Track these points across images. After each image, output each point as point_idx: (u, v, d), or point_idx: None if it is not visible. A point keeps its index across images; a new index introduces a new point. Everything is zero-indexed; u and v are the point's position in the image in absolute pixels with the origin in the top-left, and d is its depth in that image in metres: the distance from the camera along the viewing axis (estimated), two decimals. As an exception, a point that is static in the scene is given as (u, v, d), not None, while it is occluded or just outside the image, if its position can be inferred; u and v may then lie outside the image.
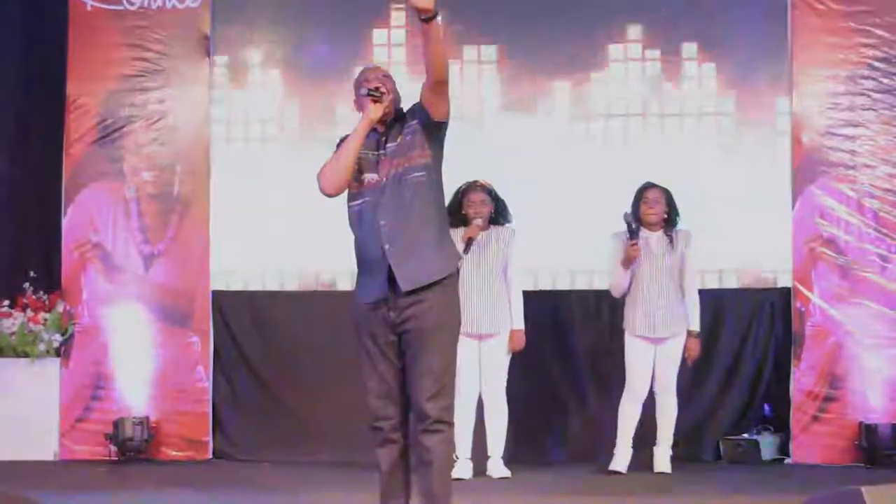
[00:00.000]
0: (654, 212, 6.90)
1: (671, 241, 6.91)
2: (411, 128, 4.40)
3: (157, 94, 7.90)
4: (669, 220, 6.95)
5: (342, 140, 4.52)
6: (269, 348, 7.89)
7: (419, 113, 4.40)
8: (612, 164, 7.60)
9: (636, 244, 6.72)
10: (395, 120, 4.46)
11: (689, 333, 6.86)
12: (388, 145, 4.43)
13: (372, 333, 4.37)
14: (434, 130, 4.38)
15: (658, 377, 6.90)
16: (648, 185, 6.98)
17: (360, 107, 4.50)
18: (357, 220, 4.48)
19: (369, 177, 4.42)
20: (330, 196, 4.50)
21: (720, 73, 7.83)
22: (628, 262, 6.77)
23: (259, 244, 7.85)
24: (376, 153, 4.43)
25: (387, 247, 4.30)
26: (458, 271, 4.55)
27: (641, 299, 6.86)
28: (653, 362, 6.88)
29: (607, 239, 6.99)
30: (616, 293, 6.99)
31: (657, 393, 6.92)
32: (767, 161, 7.76)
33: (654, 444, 6.96)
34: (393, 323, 4.34)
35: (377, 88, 4.37)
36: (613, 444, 6.94)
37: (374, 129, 4.44)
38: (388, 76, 4.50)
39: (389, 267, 4.29)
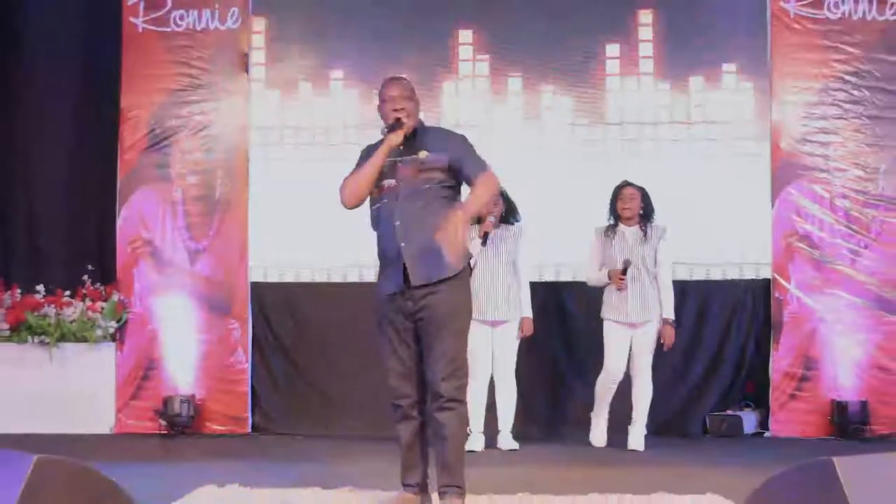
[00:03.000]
0: (628, 207, 6.86)
1: (645, 234, 6.86)
2: (439, 158, 4.39)
3: (201, 106, 7.91)
4: (645, 216, 6.92)
5: (364, 151, 4.54)
6: (301, 334, 7.91)
7: (454, 161, 4.40)
8: (608, 169, 7.57)
9: (623, 279, 6.72)
10: (413, 131, 4.46)
11: (665, 321, 6.81)
12: (406, 157, 4.41)
13: (391, 321, 4.39)
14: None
15: (633, 361, 6.85)
16: (625, 184, 6.96)
17: (382, 113, 4.50)
18: (377, 221, 4.51)
19: (388, 182, 4.42)
20: (349, 208, 4.52)
21: (707, 85, 7.82)
22: (611, 281, 6.78)
23: (292, 240, 7.87)
24: (394, 160, 4.42)
25: (402, 245, 4.33)
26: (470, 267, 4.55)
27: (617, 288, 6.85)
28: (629, 346, 6.87)
29: (589, 231, 6.99)
30: (592, 284, 6.98)
31: (633, 376, 6.87)
32: (749, 165, 7.74)
33: (630, 423, 6.90)
34: (409, 312, 4.35)
35: (398, 120, 4.37)
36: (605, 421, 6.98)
37: None
38: (409, 96, 4.47)
39: (405, 263, 4.32)
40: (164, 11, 7.93)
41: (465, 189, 4.53)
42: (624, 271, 6.72)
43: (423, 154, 4.40)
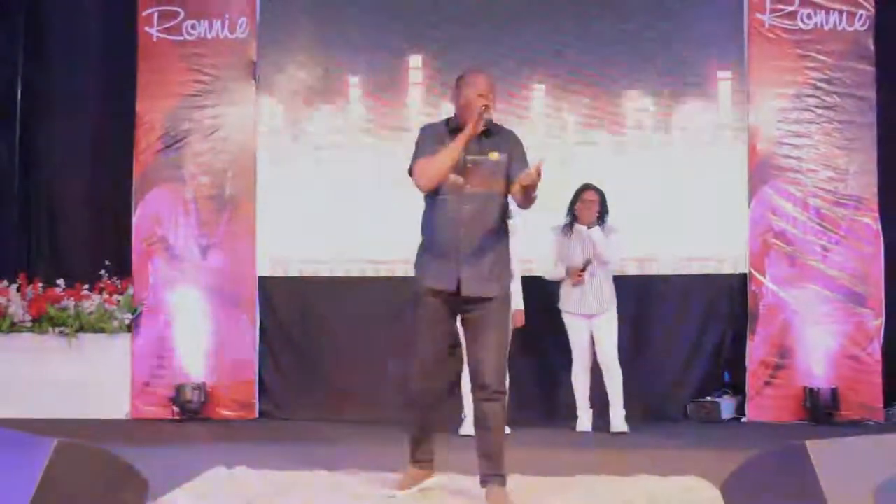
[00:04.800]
0: (589, 211, 6.88)
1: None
2: (502, 159, 4.29)
3: (212, 110, 7.90)
4: (600, 217, 6.94)
5: (428, 131, 4.38)
6: (306, 324, 7.90)
7: (514, 162, 4.29)
8: (595, 171, 7.55)
9: (582, 276, 6.79)
10: (484, 130, 4.30)
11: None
12: (477, 155, 4.28)
13: (431, 304, 4.29)
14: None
15: (598, 349, 6.90)
16: (586, 187, 6.97)
17: (458, 99, 4.34)
18: (434, 214, 4.34)
19: (454, 178, 4.27)
20: (426, 191, 4.33)
21: (691, 94, 7.81)
22: (570, 277, 6.84)
23: (298, 237, 7.86)
24: (463, 156, 4.28)
25: (462, 252, 4.22)
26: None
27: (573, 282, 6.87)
28: (590, 335, 6.89)
29: (547, 230, 7.01)
30: (549, 278, 7.03)
31: (602, 364, 6.90)
32: (727, 166, 7.74)
33: (609, 409, 6.93)
34: (454, 305, 4.28)
35: (487, 108, 4.22)
36: (594, 406, 6.98)
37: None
38: (492, 91, 4.34)
39: (460, 274, 4.21)
40: (177, 21, 7.91)
41: None
42: (583, 269, 6.77)
43: (494, 155, 4.29)
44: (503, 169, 4.30)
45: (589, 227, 6.85)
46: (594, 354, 6.95)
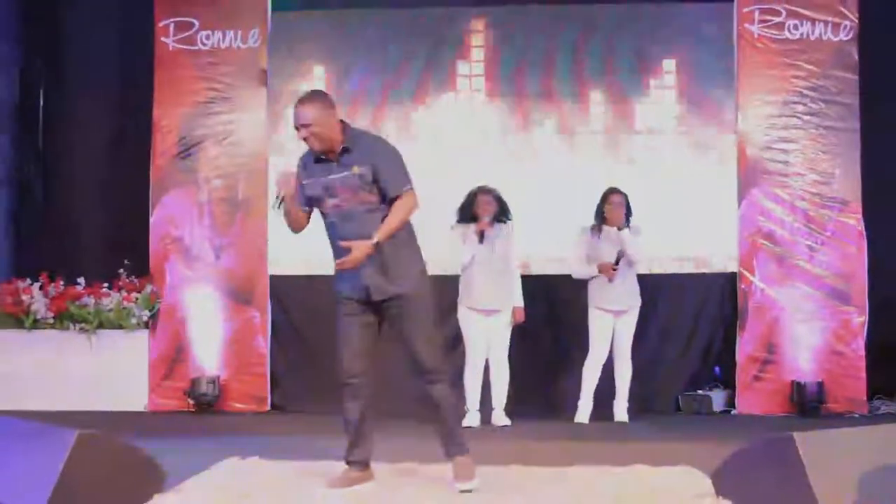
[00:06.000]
0: (617, 213, 6.85)
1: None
2: (364, 171, 4.20)
3: (225, 116, 7.91)
4: (626, 218, 6.93)
5: (301, 164, 4.39)
6: (314, 321, 7.87)
7: (380, 171, 4.20)
8: (593, 173, 7.57)
9: (616, 270, 6.75)
10: (343, 148, 4.25)
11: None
12: (336, 175, 4.25)
13: (351, 308, 4.43)
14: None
15: (616, 344, 6.90)
16: (613, 191, 6.94)
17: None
18: (330, 232, 4.44)
19: (331, 201, 4.29)
20: (296, 234, 4.57)
21: (683, 101, 7.82)
22: (602, 273, 6.79)
23: (307, 237, 7.82)
24: (329, 177, 4.26)
25: (360, 267, 4.27)
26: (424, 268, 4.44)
27: (604, 280, 6.84)
28: (612, 331, 6.89)
29: (577, 230, 6.99)
30: (578, 277, 6.99)
31: (616, 357, 6.91)
32: (718, 170, 7.74)
33: (614, 399, 6.97)
34: (373, 307, 4.38)
35: (284, 198, 4.27)
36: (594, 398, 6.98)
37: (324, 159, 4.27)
38: (309, 117, 4.21)
39: (364, 281, 4.31)
40: (192, 32, 7.93)
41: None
42: (617, 262, 6.74)
43: (356, 169, 4.20)
44: (370, 179, 4.21)
45: (619, 229, 6.83)
46: (610, 351, 6.94)
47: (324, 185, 4.26)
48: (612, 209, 6.86)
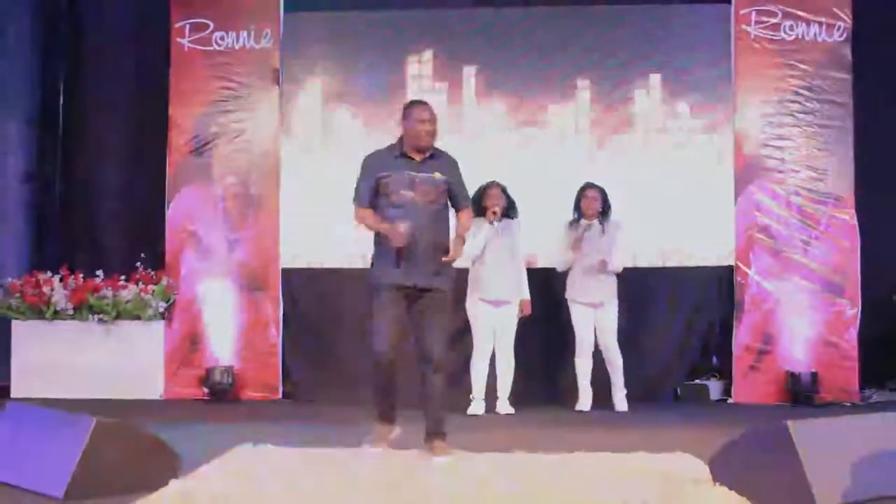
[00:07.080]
0: (591, 207, 6.95)
1: (603, 228, 6.94)
2: (442, 179, 4.77)
3: (238, 115, 7.91)
4: (603, 212, 6.97)
5: (371, 160, 4.80)
6: (325, 312, 7.91)
7: (453, 185, 4.80)
8: (597, 172, 7.53)
9: (581, 239, 6.84)
10: (430, 154, 4.77)
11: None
12: (419, 174, 4.70)
13: (391, 295, 4.65)
14: None
15: (600, 336, 6.92)
16: (588, 185, 7.04)
17: (404, 127, 4.75)
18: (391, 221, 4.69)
19: (406, 193, 4.66)
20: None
21: (683, 100, 7.79)
22: (574, 246, 6.86)
23: (318, 232, 7.86)
24: (412, 174, 4.69)
25: (414, 253, 4.62)
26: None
27: (581, 273, 6.89)
28: (593, 323, 6.90)
29: (560, 226, 7.03)
30: (561, 269, 7.04)
31: (603, 350, 6.94)
32: (716, 167, 7.72)
33: (612, 390, 6.99)
34: (409, 295, 4.70)
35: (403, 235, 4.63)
36: (594, 388, 6.98)
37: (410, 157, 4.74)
38: (434, 117, 4.74)
39: (414, 267, 4.65)
40: (207, 33, 7.93)
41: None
42: (581, 236, 6.87)
43: (437, 175, 4.71)
44: (445, 187, 4.76)
45: (600, 223, 6.95)
46: (596, 341, 6.95)
47: (410, 179, 4.69)
48: (587, 202, 6.97)
